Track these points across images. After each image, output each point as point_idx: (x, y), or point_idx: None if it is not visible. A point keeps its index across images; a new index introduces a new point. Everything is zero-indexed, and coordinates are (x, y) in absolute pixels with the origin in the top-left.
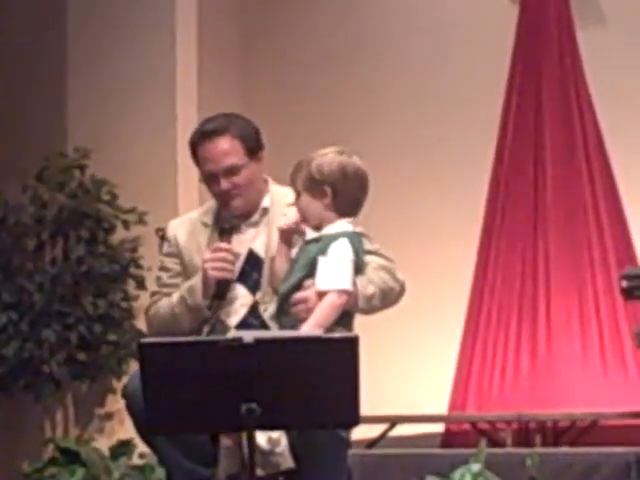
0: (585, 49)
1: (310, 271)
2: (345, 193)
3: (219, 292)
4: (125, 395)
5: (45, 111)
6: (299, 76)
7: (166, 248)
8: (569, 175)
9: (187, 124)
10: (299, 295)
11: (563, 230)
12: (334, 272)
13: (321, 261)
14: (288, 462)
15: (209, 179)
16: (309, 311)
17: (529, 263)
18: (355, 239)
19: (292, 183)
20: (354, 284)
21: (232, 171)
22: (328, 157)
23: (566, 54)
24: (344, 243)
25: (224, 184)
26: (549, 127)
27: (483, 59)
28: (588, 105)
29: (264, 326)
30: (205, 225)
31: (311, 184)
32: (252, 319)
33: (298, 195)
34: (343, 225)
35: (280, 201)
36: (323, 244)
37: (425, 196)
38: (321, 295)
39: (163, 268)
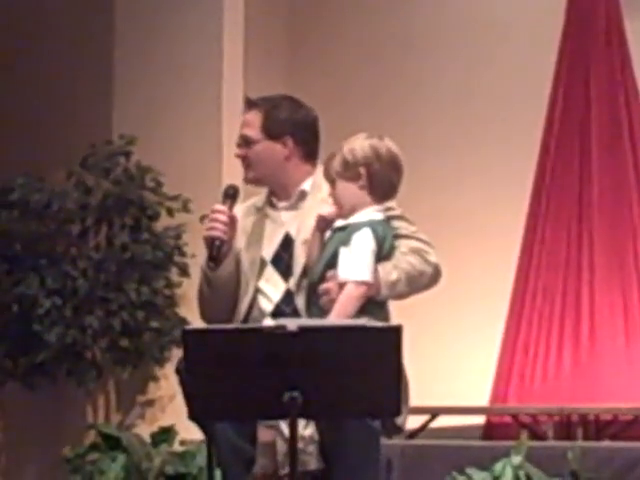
0: (633, 39)
1: (333, 261)
2: (379, 174)
3: (211, 252)
4: (179, 370)
5: (91, 98)
6: (346, 68)
7: None
8: (615, 168)
9: (233, 112)
10: (322, 287)
11: (608, 225)
12: (353, 263)
13: (342, 252)
14: (316, 463)
15: (237, 143)
16: (332, 302)
17: (573, 258)
18: (380, 228)
19: (325, 174)
20: (375, 273)
21: (244, 141)
22: (359, 140)
23: (614, 44)
24: (366, 233)
25: (237, 151)
26: (596, 118)
27: (530, 50)
28: (635, 96)
29: (296, 315)
30: (255, 208)
31: (345, 168)
32: (285, 307)
33: (332, 184)
34: (371, 214)
35: (320, 185)
36: (347, 234)
37: (470, 186)
38: (342, 286)
39: None
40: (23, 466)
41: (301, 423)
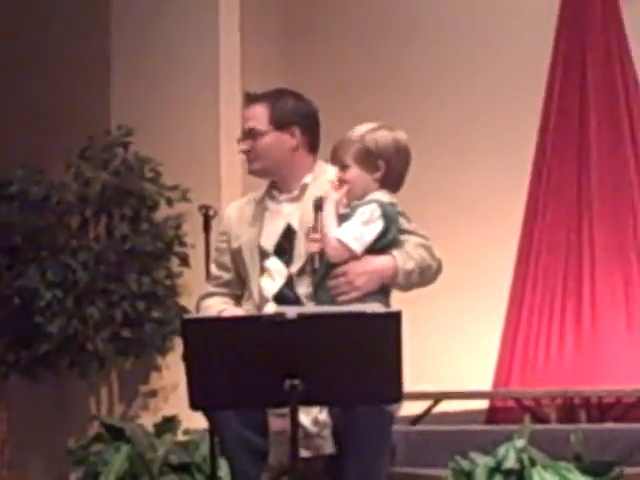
0: (630, 24)
1: None
2: (395, 168)
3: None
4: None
5: (89, 89)
6: (345, 57)
7: (220, 228)
8: (614, 153)
9: (230, 102)
10: (339, 269)
11: (608, 209)
12: (351, 228)
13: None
14: (330, 447)
15: (240, 138)
16: (348, 283)
17: (574, 242)
18: (390, 208)
19: (335, 156)
20: (393, 259)
21: (251, 134)
22: (381, 132)
23: (611, 30)
24: (372, 208)
25: (242, 145)
26: (594, 104)
27: (526, 36)
28: (634, 81)
29: (298, 299)
30: (254, 201)
31: (366, 157)
32: (288, 291)
33: (343, 169)
34: (379, 195)
35: (319, 177)
36: (352, 211)
37: (470, 171)
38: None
39: (215, 248)
40: (27, 458)
41: (316, 408)
